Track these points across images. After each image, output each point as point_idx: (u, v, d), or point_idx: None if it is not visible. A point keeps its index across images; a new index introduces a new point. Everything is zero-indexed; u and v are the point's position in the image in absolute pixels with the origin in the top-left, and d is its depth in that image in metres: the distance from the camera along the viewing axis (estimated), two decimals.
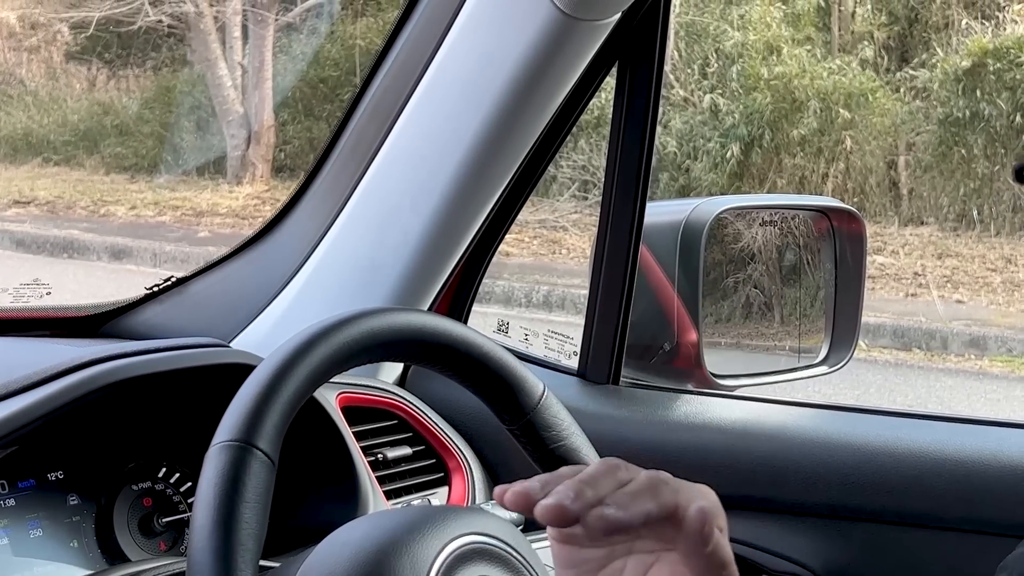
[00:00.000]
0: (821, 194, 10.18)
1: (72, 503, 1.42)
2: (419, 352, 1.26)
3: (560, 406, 1.34)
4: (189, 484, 1.51)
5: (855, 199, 10.15)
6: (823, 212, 1.87)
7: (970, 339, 7.89)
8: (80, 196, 10.99)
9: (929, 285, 8.96)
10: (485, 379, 1.30)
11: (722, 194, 9.97)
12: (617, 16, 1.56)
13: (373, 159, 1.66)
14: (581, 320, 1.78)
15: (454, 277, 1.75)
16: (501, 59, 1.54)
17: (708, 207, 1.75)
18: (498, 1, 1.52)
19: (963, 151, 10.08)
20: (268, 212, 10.34)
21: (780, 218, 1.89)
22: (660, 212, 1.76)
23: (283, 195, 10.72)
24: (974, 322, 8.15)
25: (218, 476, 1.05)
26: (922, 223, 10.11)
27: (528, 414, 1.31)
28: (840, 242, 1.87)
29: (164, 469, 1.51)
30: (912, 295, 8.83)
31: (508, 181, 1.67)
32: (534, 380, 1.32)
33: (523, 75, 1.54)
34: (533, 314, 7.82)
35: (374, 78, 1.66)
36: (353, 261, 1.71)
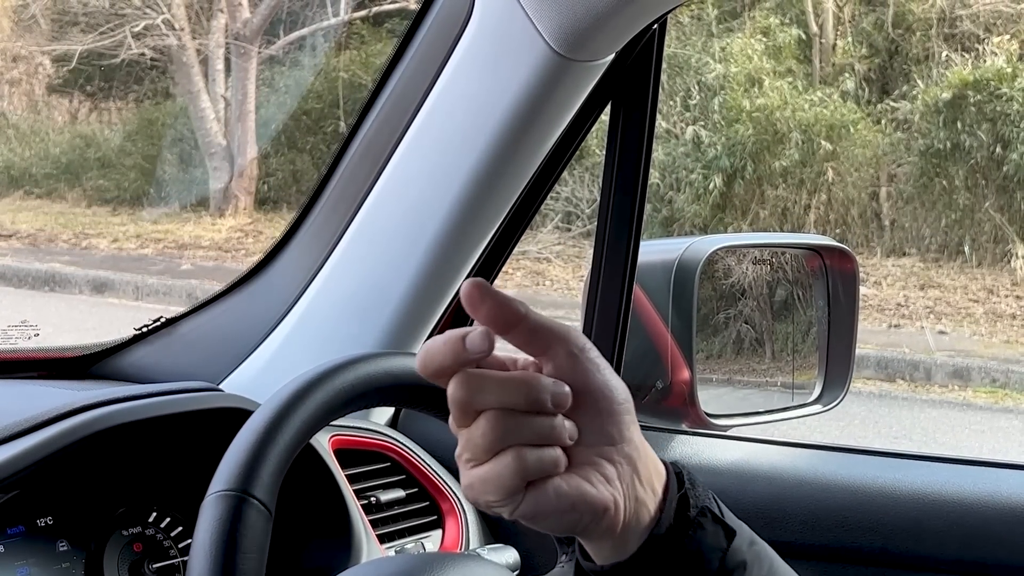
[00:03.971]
0: (804, 225, 10.21)
1: (62, 549, 1.40)
2: (416, 396, 1.24)
3: None
4: (180, 529, 1.50)
5: (837, 230, 10.19)
6: (815, 250, 1.87)
7: (953, 370, 7.91)
8: (62, 229, 10.96)
9: (916, 315, 8.98)
10: None
11: (705, 225, 10.00)
12: (611, 57, 1.56)
13: (365, 199, 1.65)
14: None
15: (447, 317, 1.74)
16: (495, 100, 1.54)
17: (701, 246, 1.75)
18: (492, 42, 1.52)
19: (944, 182, 10.13)
20: (251, 244, 10.34)
21: (772, 256, 1.89)
22: (652, 251, 1.75)
23: (266, 228, 10.71)
24: (957, 353, 8.17)
25: (215, 527, 1.03)
26: (904, 254, 10.14)
27: None
28: (833, 280, 1.87)
29: (155, 514, 1.49)
30: (895, 326, 8.85)
31: (501, 221, 1.66)
32: None
33: (517, 116, 1.53)
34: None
35: (367, 117, 1.65)
36: (345, 302, 1.70)
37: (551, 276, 9.48)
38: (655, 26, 1.58)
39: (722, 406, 1.80)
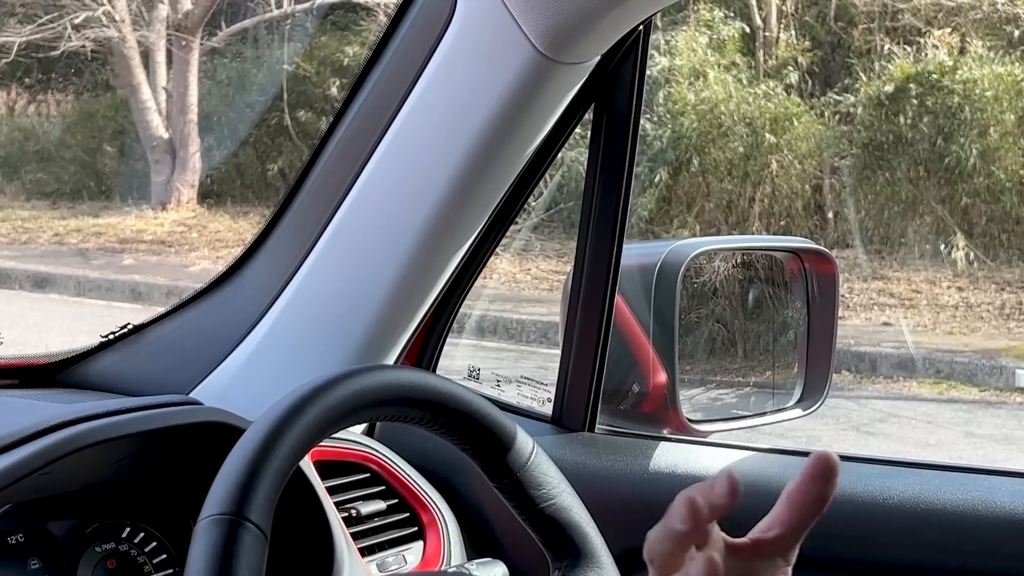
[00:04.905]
0: (748, 218, 10.27)
1: (33, 567, 1.36)
2: (408, 411, 1.22)
3: (550, 463, 1.31)
4: (154, 544, 1.46)
5: (782, 222, 10.25)
6: (795, 253, 1.86)
7: (898, 361, 7.97)
8: (0, 223, 10.81)
9: (861, 306, 9.04)
10: (474, 436, 1.26)
11: (651, 219, 10.03)
12: (596, 59, 1.53)
13: (342, 202, 1.60)
14: (510, 345, 1.75)
15: (423, 326, 1.70)
16: (477, 101, 1.50)
17: (682, 249, 1.73)
18: (476, 42, 1.48)
19: (887, 175, 10.21)
20: (195, 238, 10.24)
21: (752, 258, 1.88)
22: (632, 254, 1.72)
23: (210, 222, 10.62)
24: (901, 344, 8.24)
25: (210, 552, 1.00)
26: (847, 246, 10.21)
27: (516, 473, 1.28)
28: (812, 282, 1.85)
29: (128, 529, 1.45)
30: (840, 318, 8.90)
31: (482, 226, 1.62)
32: (524, 437, 1.28)
33: (500, 118, 1.50)
34: (466, 339, 7.78)
35: (343, 117, 1.60)
36: (319, 310, 1.65)
37: (499, 270, 9.46)
38: (640, 28, 1.55)
39: (706, 411, 1.78)
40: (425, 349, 1.76)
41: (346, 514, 1.54)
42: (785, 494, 0.91)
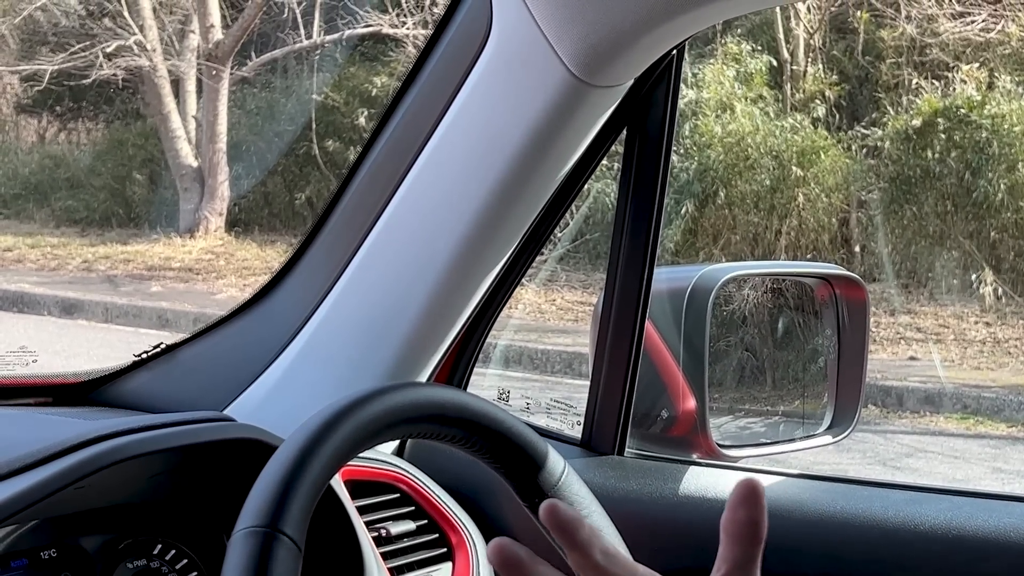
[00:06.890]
0: (775, 251, 10.24)
1: None
2: (441, 428, 1.22)
3: (581, 483, 1.31)
4: (185, 561, 1.46)
5: (809, 256, 10.22)
6: (826, 279, 1.86)
7: (925, 396, 7.92)
8: (30, 250, 10.88)
9: (888, 341, 9.00)
10: (505, 455, 1.26)
11: (677, 251, 10.01)
12: (630, 83, 1.53)
13: (375, 223, 1.61)
14: (535, 375, 1.75)
15: (455, 344, 1.71)
16: (512, 123, 1.51)
17: (713, 274, 1.73)
18: (510, 65, 1.49)
19: (914, 208, 10.18)
20: (223, 266, 10.28)
21: (782, 286, 1.88)
22: (662, 279, 1.73)
23: (238, 250, 10.66)
24: (928, 379, 8.19)
25: (245, 563, 1.00)
26: (874, 280, 10.18)
27: (547, 492, 1.28)
28: (842, 309, 1.85)
29: (159, 546, 1.45)
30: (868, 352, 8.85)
31: (514, 247, 1.63)
32: (555, 457, 1.28)
33: (534, 140, 1.51)
34: (492, 370, 7.78)
35: (378, 138, 1.62)
36: (351, 330, 1.66)
37: (525, 300, 9.47)
38: (673, 52, 1.56)
39: (734, 438, 1.78)
40: (455, 372, 1.77)
41: (376, 534, 1.54)
42: (721, 530, 0.91)
